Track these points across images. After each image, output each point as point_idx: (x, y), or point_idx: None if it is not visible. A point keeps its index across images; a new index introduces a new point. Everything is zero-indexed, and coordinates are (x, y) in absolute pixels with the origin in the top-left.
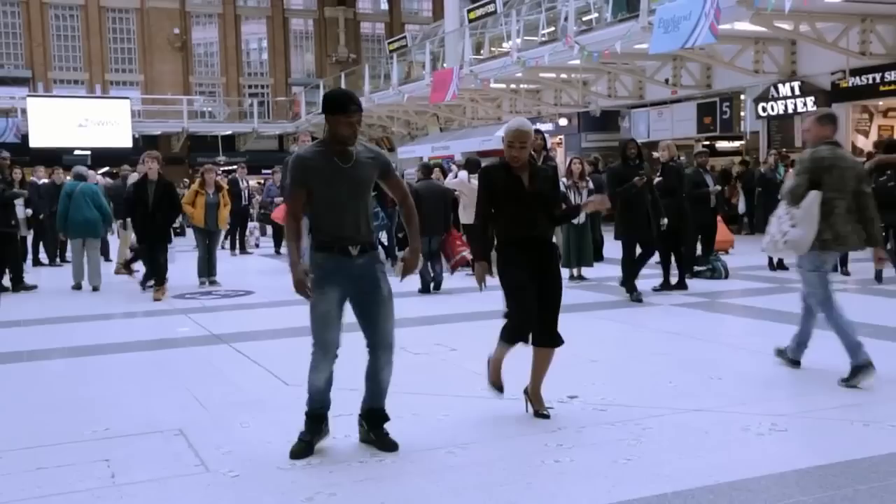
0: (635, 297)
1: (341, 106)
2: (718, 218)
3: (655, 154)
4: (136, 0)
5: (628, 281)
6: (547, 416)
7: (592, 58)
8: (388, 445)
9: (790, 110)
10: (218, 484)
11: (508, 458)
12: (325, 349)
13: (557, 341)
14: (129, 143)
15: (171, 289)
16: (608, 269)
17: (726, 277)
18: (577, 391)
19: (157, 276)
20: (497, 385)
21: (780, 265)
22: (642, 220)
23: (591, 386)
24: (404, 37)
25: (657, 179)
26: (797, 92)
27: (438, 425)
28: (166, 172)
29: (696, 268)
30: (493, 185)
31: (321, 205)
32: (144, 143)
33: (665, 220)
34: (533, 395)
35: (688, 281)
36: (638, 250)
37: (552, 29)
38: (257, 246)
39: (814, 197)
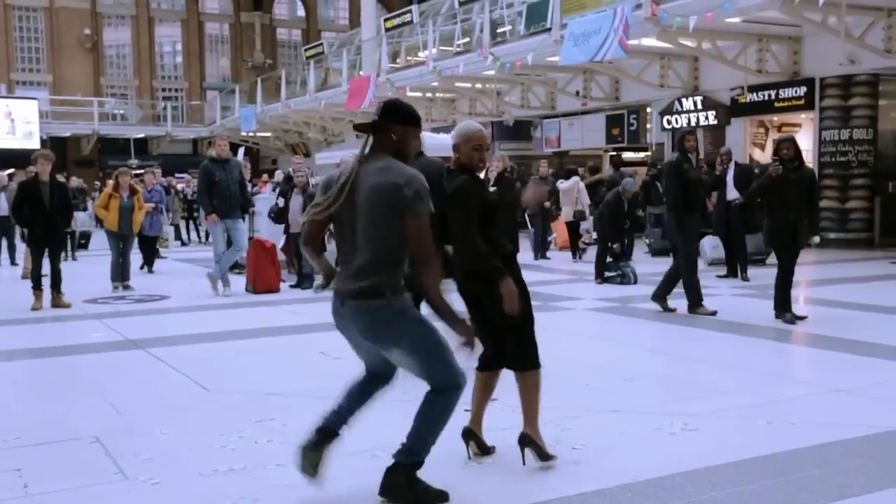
0: (789, 318)
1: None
2: (561, 222)
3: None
4: None
5: (783, 299)
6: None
7: (505, 68)
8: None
9: (693, 123)
10: (138, 492)
11: (431, 460)
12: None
13: None
14: (36, 145)
15: (83, 293)
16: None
17: (635, 283)
18: (495, 394)
19: (54, 283)
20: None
21: None
22: (790, 227)
23: (510, 390)
24: (321, 44)
25: (492, 189)
26: (699, 106)
27: (362, 428)
28: (76, 174)
29: (607, 273)
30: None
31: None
32: (53, 144)
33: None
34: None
35: (600, 286)
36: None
37: (467, 40)
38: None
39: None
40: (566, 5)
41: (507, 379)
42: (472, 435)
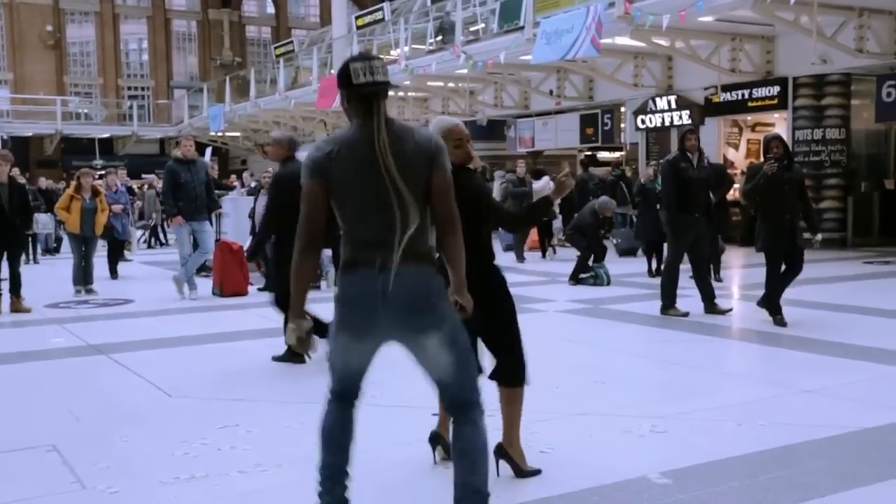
0: (779, 320)
1: None
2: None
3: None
4: None
5: (772, 301)
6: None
7: (477, 67)
8: None
9: (667, 123)
10: (95, 501)
11: (401, 464)
12: None
13: None
14: None
15: (45, 298)
16: None
17: (608, 284)
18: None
19: (14, 286)
20: (532, 469)
21: (659, 272)
22: (786, 227)
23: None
24: (291, 42)
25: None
26: (673, 105)
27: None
28: (39, 175)
29: (581, 275)
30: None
31: None
32: (14, 144)
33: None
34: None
35: (573, 288)
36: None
37: (440, 38)
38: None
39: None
40: (539, 3)
41: None
42: (439, 439)
